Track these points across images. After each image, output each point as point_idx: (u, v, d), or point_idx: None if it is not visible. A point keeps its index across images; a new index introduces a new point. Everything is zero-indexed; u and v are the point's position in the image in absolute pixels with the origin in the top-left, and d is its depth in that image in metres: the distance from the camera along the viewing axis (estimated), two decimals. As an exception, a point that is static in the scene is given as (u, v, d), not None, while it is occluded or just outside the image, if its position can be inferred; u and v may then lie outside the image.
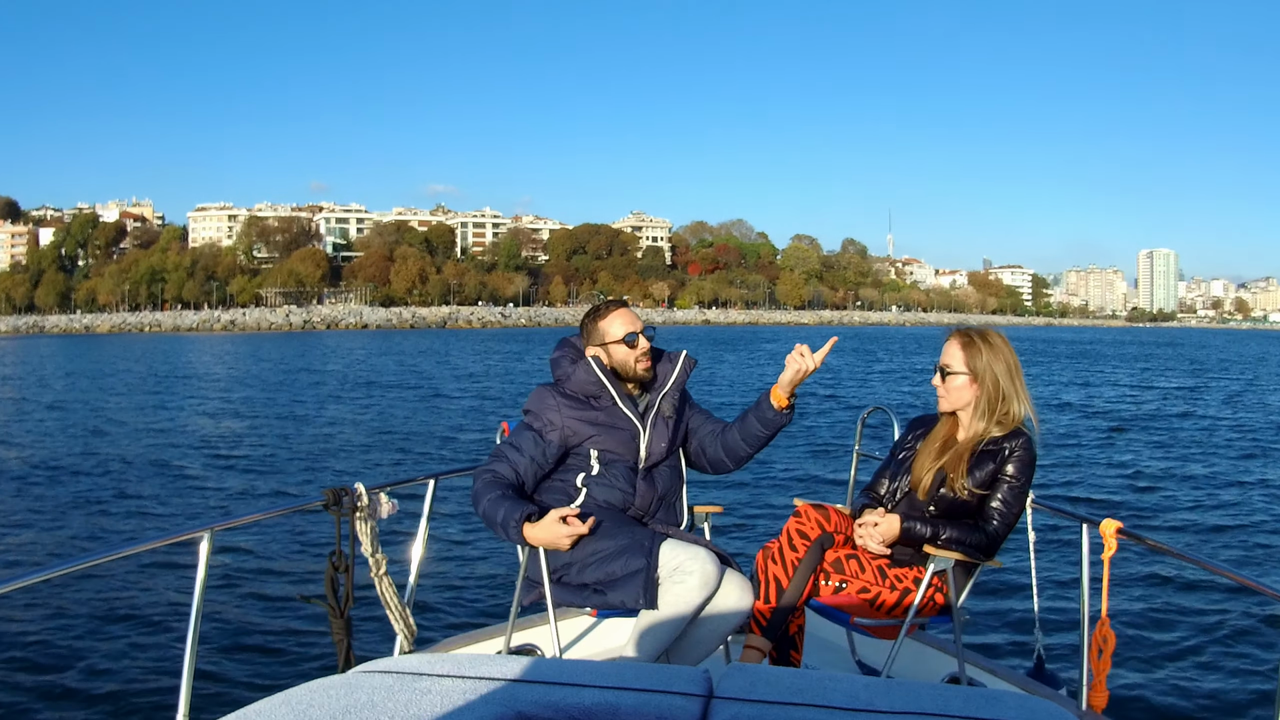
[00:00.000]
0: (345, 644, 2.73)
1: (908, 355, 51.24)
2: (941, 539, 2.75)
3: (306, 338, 76.12)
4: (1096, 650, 2.73)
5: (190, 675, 2.30)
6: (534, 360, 41.26)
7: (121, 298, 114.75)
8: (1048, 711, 1.43)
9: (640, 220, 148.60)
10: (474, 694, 1.36)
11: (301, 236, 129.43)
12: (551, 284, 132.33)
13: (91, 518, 9.11)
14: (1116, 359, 51.07)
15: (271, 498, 11.02)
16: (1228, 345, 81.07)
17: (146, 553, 6.83)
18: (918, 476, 2.93)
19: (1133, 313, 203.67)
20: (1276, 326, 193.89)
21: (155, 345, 63.17)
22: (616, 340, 2.92)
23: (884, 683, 1.53)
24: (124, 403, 22.26)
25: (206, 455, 13.34)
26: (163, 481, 11.09)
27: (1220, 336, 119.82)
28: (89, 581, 6.84)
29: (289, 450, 13.56)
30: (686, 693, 1.41)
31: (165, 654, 5.66)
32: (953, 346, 2.94)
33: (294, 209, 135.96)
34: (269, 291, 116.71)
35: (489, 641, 3.20)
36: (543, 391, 2.91)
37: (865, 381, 31.28)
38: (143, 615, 6.35)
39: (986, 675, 3.01)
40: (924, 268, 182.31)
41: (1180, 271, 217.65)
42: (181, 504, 9.97)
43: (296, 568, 7.57)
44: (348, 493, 2.74)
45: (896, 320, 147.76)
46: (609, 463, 2.86)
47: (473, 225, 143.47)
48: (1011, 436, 2.85)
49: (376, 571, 2.78)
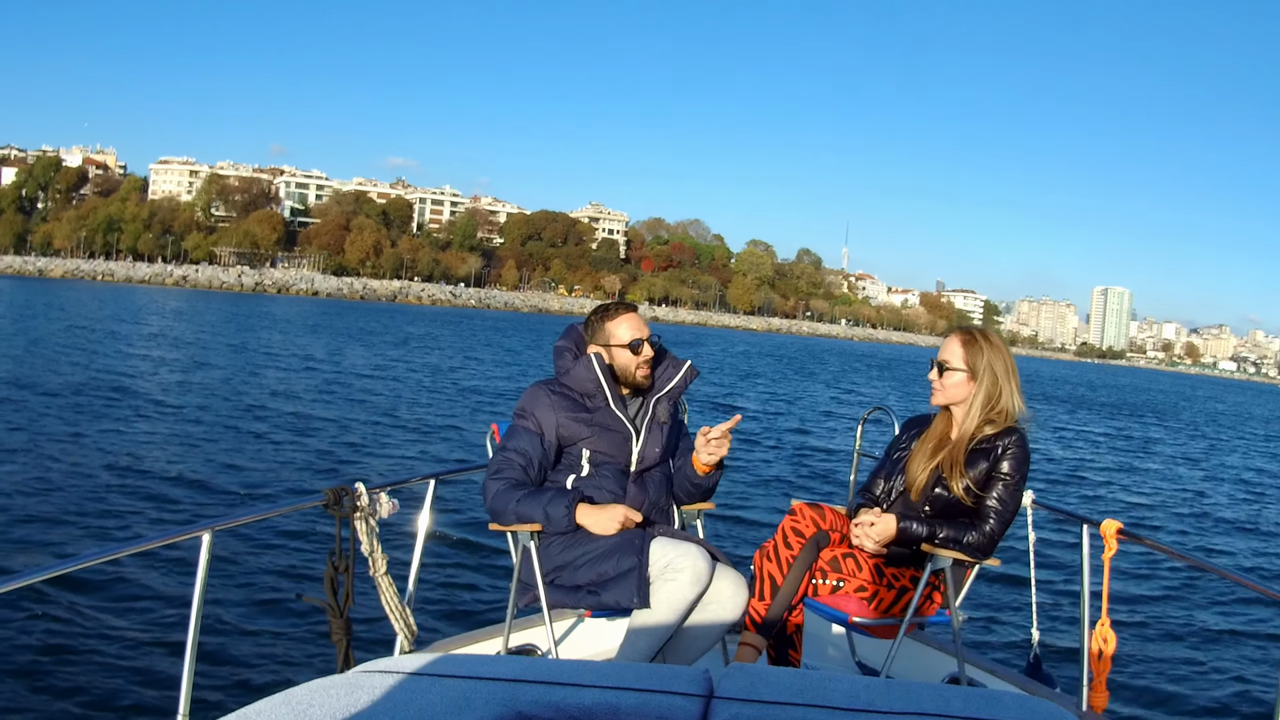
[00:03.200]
0: (345, 644, 2.73)
1: (844, 374, 45.48)
2: (938, 538, 2.76)
3: (257, 300, 75.11)
4: (1096, 650, 2.73)
5: (190, 675, 2.30)
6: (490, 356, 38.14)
7: (78, 243, 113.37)
8: (1048, 711, 1.43)
9: (598, 211, 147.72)
10: (474, 694, 1.37)
11: (261, 198, 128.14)
12: (504, 267, 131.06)
13: (91, 518, 9.10)
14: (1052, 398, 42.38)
15: (271, 498, 11.02)
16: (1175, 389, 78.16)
17: (146, 553, 6.84)
18: (913, 476, 2.94)
19: (1082, 348, 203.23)
20: (1225, 374, 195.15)
21: (107, 295, 60.60)
22: (622, 344, 2.92)
23: (884, 683, 1.53)
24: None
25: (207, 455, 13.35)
26: (163, 481, 11.08)
27: (1167, 379, 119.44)
28: (89, 582, 6.83)
29: (289, 450, 13.57)
30: (687, 693, 1.41)
31: (165, 654, 5.66)
32: (953, 343, 2.95)
33: (256, 170, 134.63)
34: (224, 250, 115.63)
35: (489, 641, 3.21)
36: (535, 391, 2.90)
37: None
38: (143, 615, 6.35)
39: (986, 675, 3.01)
40: (877, 284, 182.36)
41: (1133, 311, 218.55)
42: (181, 504, 9.96)
43: (296, 568, 7.57)
44: (348, 493, 2.74)
45: (845, 334, 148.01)
46: (599, 464, 2.85)
47: (431, 202, 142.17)
48: (1005, 434, 2.85)
49: (376, 571, 2.79)
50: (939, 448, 2.92)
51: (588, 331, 3.00)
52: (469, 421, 17.01)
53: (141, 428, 13.81)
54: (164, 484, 10.69)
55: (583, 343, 3.00)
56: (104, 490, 10.06)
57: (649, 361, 2.93)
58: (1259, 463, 21.12)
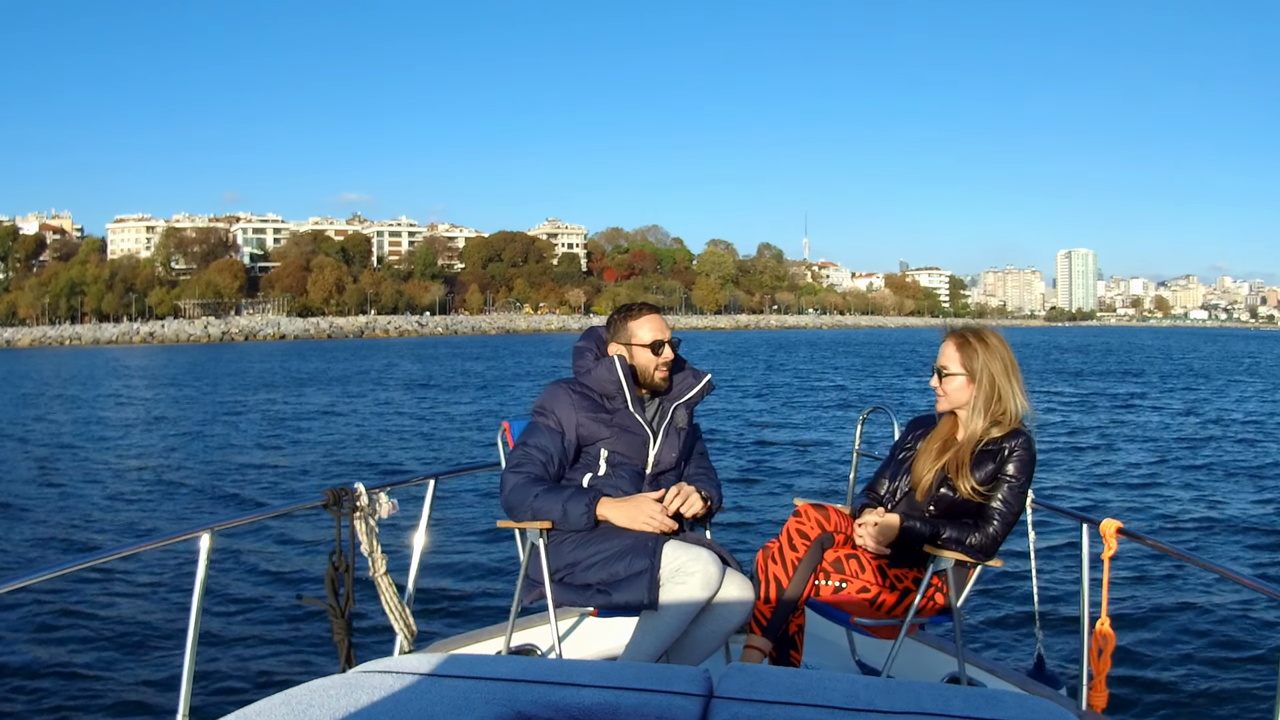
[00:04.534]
0: (346, 643, 2.73)
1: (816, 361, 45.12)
2: (941, 539, 2.76)
3: (225, 349, 74.70)
4: (1096, 650, 2.73)
5: (190, 675, 2.30)
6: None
7: (42, 310, 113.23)
8: (1048, 711, 1.43)
9: (556, 227, 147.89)
10: (474, 694, 1.36)
11: (219, 247, 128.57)
12: (468, 292, 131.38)
13: (91, 518, 9.12)
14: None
15: (271, 498, 11.02)
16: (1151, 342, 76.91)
17: (146, 553, 6.84)
18: (918, 476, 2.93)
19: (1051, 312, 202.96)
20: (1197, 324, 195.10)
21: (81, 359, 59.60)
22: (644, 344, 2.93)
23: (884, 683, 1.53)
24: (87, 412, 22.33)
25: (206, 456, 13.37)
26: (163, 482, 11.10)
27: (1141, 334, 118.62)
28: (89, 581, 6.84)
29: (288, 450, 13.58)
30: (686, 693, 1.41)
31: (165, 654, 5.66)
32: (948, 347, 2.93)
33: (212, 219, 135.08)
34: (187, 303, 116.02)
35: (489, 641, 3.21)
36: (556, 389, 2.91)
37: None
38: (143, 615, 6.35)
39: (986, 675, 3.01)
40: (840, 271, 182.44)
41: (1099, 271, 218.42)
42: (182, 504, 9.97)
43: (297, 568, 7.57)
44: (348, 493, 2.74)
45: (813, 323, 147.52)
46: (616, 464, 2.86)
47: (389, 234, 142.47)
48: (1011, 436, 2.84)
49: (376, 571, 2.79)
50: (945, 448, 2.91)
51: (609, 331, 3.01)
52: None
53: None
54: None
55: (603, 344, 3.01)
56: (103, 491, 10.06)
57: (668, 364, 2.94)
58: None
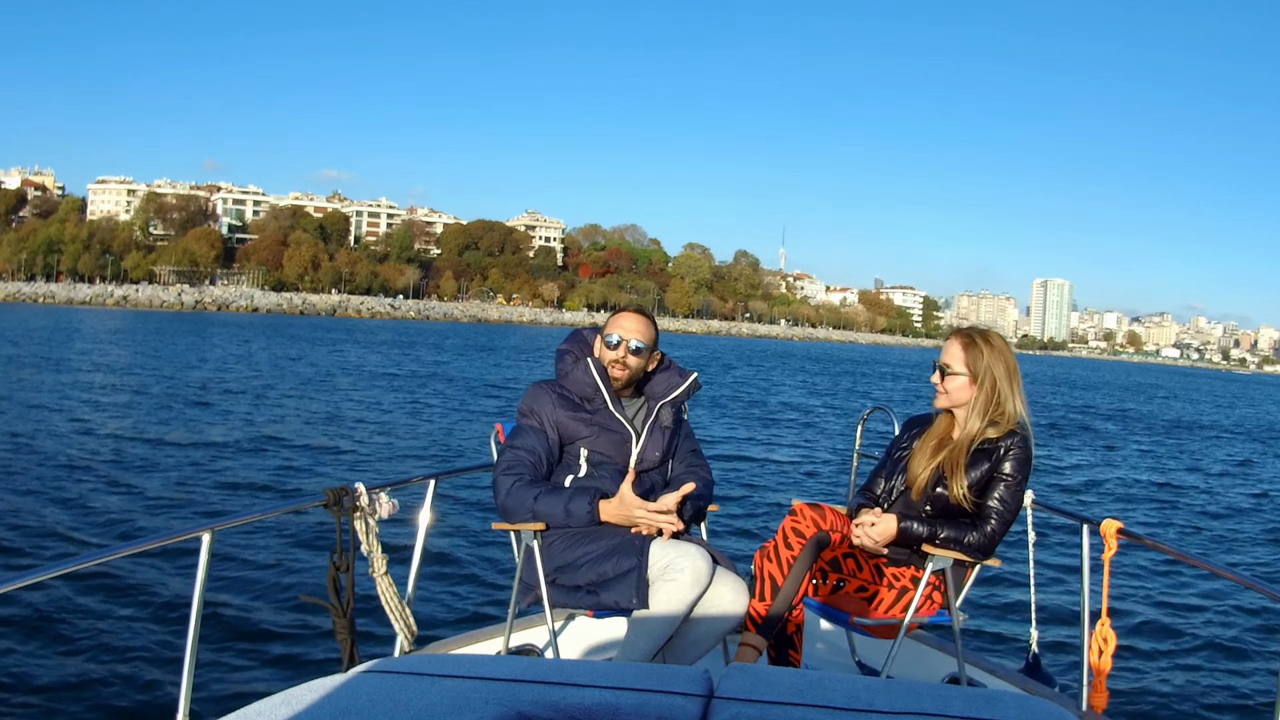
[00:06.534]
0: (350, 643, 2.74)
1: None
2: (939, 538, 2.76)
3: (197, 318, 74.23)
4: (1096, 650, 2.73)
5: (190, 675, 2.30)
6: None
7: (19, 266, 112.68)
8: (1048, 712, 1.42)
9: (534, 219, 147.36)
10: (474, 694, 1.36)
11: (198, 215, 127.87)
12: (442, 278, 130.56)
13: (91, 517, 9.11)
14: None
15: (271, 498, 11.02)
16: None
17: (146, 553, 6.84)
18: (914, 476, 2.93)
19: (1023, 339, 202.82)
20: (1168, 361, 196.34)
21: (53, 317, 59.27)
22: (605, 339, 2.95)
23: (884, 683, 1.53)
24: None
25: (206, 456, 13.36)
26: (163, 481, 11.09)
27: (1111, 368, 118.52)
28: (89, 581, 6.83)
29: (288, 450, 13.58)
30: (687, 693, 1.41)
31: (165, 654, 5.66)
32: (954, 346, 2.94)
33: (193, 187, 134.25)
34: (163, 269, 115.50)
35: (489, 641, 3.21)
36: (537, 390, 2.94)
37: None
38: (143, 615, 6.35)
39: (986, 675, 3.01)
40: (815, 283, 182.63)
41: (1074, 302, 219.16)
42: (181, 504, 9.97)
43: (297, 568, 7.57)
44: (348, 493, 2.74)
45: (785, 334, 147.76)
46: (598, 464, 2.87)
47: (368, 215, 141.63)
48: (1008, 436, 2.85)
49: (376, 571, 2.79)
50: (941, 447, 2.92)
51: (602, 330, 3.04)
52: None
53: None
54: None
55: (586, 347, 3.03)
56: (102, 490, 10.06)
57: (622, 361, 2.93)
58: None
